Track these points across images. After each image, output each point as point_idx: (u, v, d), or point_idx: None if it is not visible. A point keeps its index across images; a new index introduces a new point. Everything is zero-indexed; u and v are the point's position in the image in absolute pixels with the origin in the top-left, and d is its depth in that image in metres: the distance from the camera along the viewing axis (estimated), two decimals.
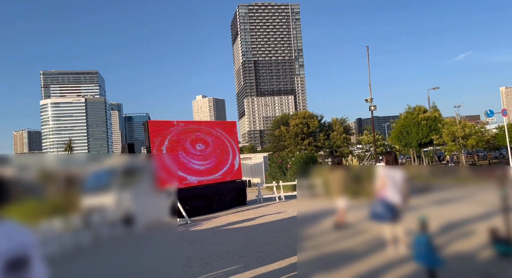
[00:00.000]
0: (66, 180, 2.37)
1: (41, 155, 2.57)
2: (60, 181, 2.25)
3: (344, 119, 51.53)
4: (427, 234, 3.65)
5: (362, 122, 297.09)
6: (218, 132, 15.94)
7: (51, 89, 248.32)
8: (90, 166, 2.42)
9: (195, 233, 10.40)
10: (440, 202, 3.83)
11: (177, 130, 14.39)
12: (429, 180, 3.96)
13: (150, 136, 13.53)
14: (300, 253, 3.74)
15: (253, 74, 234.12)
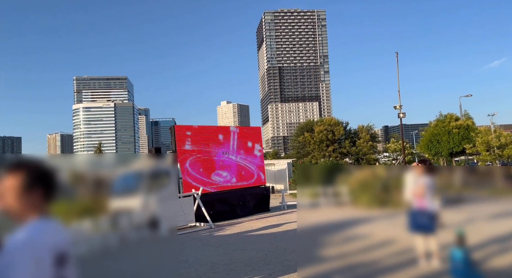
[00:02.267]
0: (95, 182, 2.39)
1: (71, 156, 2.60)
2: (89, 183, 2.27)
3: (371, 126, 50.54)
4: (465, 248, 3.43)
5: (389, 129, 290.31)
6: (243, 137, 15.95)
7: (83, 94, 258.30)
8: (119, 168, 2.43)
9: (219, 238, 10.38)
10: (475, 215, 3.61)
11: (203, 135, 14.51)
12: (462, 191, 3.73)
13: (177, 140, 13.70)
14: (322, 262, 3.61)
15: (277, 80, 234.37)
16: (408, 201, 3.67)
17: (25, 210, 1.59)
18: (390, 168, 10.12)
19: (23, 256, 1.48)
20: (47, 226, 1.61)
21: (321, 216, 3.87)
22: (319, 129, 48.31)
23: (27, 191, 1.58)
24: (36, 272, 1.49)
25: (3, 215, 1.62)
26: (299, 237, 3.84)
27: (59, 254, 1.60)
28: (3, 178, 1.60)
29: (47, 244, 1.56)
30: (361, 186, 3.74)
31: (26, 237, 1.53)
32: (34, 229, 1.57)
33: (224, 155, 15.00)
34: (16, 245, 1.50)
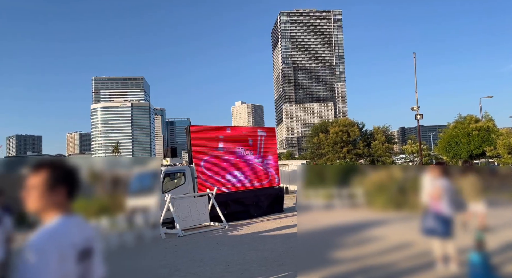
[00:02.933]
0: (113, 182, 2.44)
1: (90, 157, 2.68)
2: (107, 182, 2.33)
3: (387, 128, 49.79)
4: (484, 252, 3.36)
5: (406, 131, 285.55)
6: (257, 137, 15.97)
7: (101, 94, 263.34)
8: (135, 168, 2.49)
9: (233, 238, 10.42)
10: (495, 219, 3.52)
11: (218, 135, 14.60)
12: (486, 193, 3.65)
13: (192, 140, 13.82)
14: (336, 264, 3.58)
15: (292, 81, 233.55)
16: (424, 203, 3.61)
17: (49, 208, 1.64)
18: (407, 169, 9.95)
19: (48, 252, 1.53)
20: (70, 223, 1.66)
21: (334, 218, 3.84)
22: (334, 130, 47.88)
23: (51, 189, 1.63)
24: (60, 267, 1.53)
25: (29, 212, 1.68)
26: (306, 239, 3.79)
27: (83, 250, 1.65)
28: (29, 177, 1.65)
29: (71, 240, 1.61)
30: (376, 188, 3.70)
31: (50, 234, 1.58)
32: (58, 226, 1.61)
33: (239, 155, 15.05)
34: (40, 242, 1.55)
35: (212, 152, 14.28)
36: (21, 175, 1.85)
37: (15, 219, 3.21)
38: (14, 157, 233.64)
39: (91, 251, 1.70)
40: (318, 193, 3.62)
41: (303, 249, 3.84)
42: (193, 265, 7.42)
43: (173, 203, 11.55)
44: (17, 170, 2.03)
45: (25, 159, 2.22)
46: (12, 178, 2.08)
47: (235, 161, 14.90)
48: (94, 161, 3.38)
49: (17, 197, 1.97)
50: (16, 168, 2.21)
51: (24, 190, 1.65)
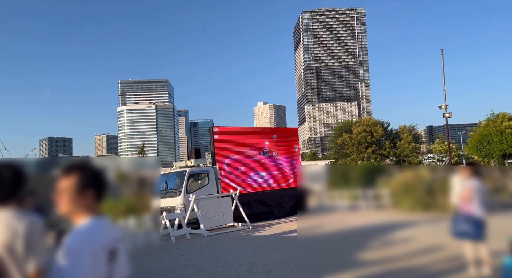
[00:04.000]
0: (139, 182, 2.49)
1: (117, 158, 2.74)
2: (134, 183, 2.37)
3: (413, 127, 48.46)
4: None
5: (433, 130, 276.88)
6: (280, 138, 15.93)
7: (127, 96, 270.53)
8: (161, 169, 2.53)
9: (257, 239, 10.44)
10: None
11: (241, 136, 14.67)
12: None
13: (215, 141, 13.95)
14: (363, 266, 3.51)
15: (314, 80, 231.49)
16: (454, 205, 3.48)
17: (80, 210, 1.69)
18: (435, 169, 9.62)
19: (82, 253, 1.58)
20: (100, 225, 1.71)
21: (359, 219, 3.75)
22: (358, 130, 47.06)
23: (81, 192, 1.68)
24: (93, 268, 1.58)
25: (60, 214, 1.74)
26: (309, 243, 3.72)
27: (111, 251, 1.69)
28: (59, 180, 1.70)
29: (102, 241, 1.66)
30: (403, 189, 3.60)
31: (84, 235, 1.63)
32: (90, 228, 1.67)
33: (261, 156, 15.06)
34: (75, 243, 1.60)
35: (235, 153, 14.36)
36: (53, 176, 1.90)
37: (48, 220, 3.34)
38: (47, 158, 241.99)
39: (117, 252, 1.75)
40: (342, 194, 3.56)
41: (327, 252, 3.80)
42: (218, 265, 7.48)
43: (197, 204, 11.69)
44: (49, 171, 2.10)
45: (56, 159, 2.29)
46: (45, 179, 2.15)
47: (258, 162, 14.92)
48: (120, 161, 3.48)
49: (50, 198, 2.04)
50: (48, 169, 2.29)
51: (55, 193, 1.70)
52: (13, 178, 1.89)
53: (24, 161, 2.17)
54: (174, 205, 12.64)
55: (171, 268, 7.50)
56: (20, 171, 1.93)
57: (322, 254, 4.12)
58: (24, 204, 3.24)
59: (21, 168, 1.96)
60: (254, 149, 14.89)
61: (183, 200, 12.58)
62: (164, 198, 12.94)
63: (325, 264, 5.31)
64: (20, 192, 1.94)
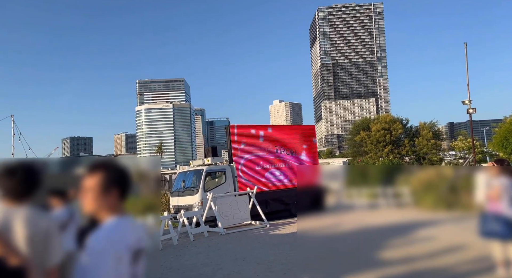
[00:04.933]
0: (157, 181, 2.47)
1: (136, 157, 2.75)
2: (152, 182, 2.36)
3: (434, 123, 47.28)
4: None
5: (455, 126, 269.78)
6: (297, 136, 15.80)
7: (145, 96, 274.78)
8: (179, 169, 2.52)
9: (275, 237, 10.39)
10: None
11: (257, 133, 14.63)
12: None
13: (232, 139, 13.96)
14: (383, 266, 3.40)
15: (331, 77, 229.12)
16: (480, 204, 3.35)
17: (104, 209, 1.67)
18: (458, 168, 9.33)
19: (106, 255, 1.55)
20: (124, 225, 1.68)
21: (379, 218, 3.63)
22: (376, 127, 46.21)
23: (105, 191, 1.66)
24: (116, 269, 1.56)
25: (85, 213, 1.73)
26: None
27: (135, 251, 1.66)
28: (84, 179, 1.69)
29: (126, 242, 1.63)
30: (425, 187, 3.48)
31: (107, 236, 1.60)
32: (114, 228, 1.64)
33: (278, 154, 14.99)
34: (98, 245, 1.57)
35: (252, 151, 14.33)
36: (78, 174, 1.90)
37: (77, 218, 3.39)
38: (70, 158, 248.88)
39: (142, 252, 1.72)
40: (361, 192, 3.46)
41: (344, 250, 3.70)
42: (236, 263, 7.47)
43: (214, 202, 11.74)
44: (76, 169, 2.12)
45: (81, 158, 2.33)
46: (70, 178, 2.17)
47: (275, 160, 14.85)
48: (139, 160, 3.50)
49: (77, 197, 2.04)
50: (73, 167, 2.31)
51: (81, 191, 1.69)
52: (27, 176, 1.90)
53: (45, 160, 2.22)
54: (192, 203, 12.72)
55: (190, 266, 7.54)
56: (35, 170, 1.94)
57: (340, 254, 4.06)
58: (52, 202, 3.29)
59: (37, 167, 1.98)
60: (270, 147, 14.82)
61: (201, 198, 12.65)
62: (182, 196, 13.05)
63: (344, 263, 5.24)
64: (36, 191, 1.95)
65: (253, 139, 14.46)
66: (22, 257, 1.79)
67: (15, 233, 1.82)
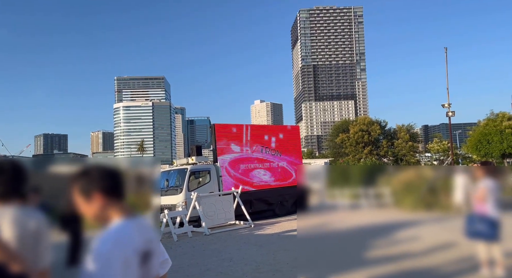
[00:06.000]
0: (139, 181, 2.38)
1: (116, 157, 2.63)
2: (134, 182, 2.27)
3: (411, 126, 48.52)
4: None
5: (429, 129, 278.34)
6: (281, 136, 15.82)
7: (123, 93, 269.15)
8: (161, 168, 2.42)
9: (260, 237, 10.33)
10: None
11: (242, 133, 14.54)
12: None
13: (217, 139, 13.81)
14: (370, 266, 3.44)
15: (312, 79, 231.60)
16: (459, 204, 3.44)
17: (100, 214, 1.58)
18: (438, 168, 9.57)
19: (113, 258, 1.47)
20: (131, 226, 1.59)
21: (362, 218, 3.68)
22: (354, 129, 47.00)
23: (86, 198, 1.58)
24: (124, 274, 1.47)
25: (90, 221, 1.65)
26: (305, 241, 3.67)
27: (144, 253, 1.58)
28: (69, 188, 1.62)
29: (133, 244, 1.55)
30: (404, 188, 3.56)
31: (114, 239, 1.51)
32: (120, 230, 1.55)
33: (263, 154, 14.95)
34: (104, 248, 1.49)
35: (237, 150, 14.23)
36: (53, 173, 1.83)
37: (52, 217, 3.22)
38: (42, 156, 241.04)
39: (151, 254, 1.64)
40: (343, 192, 3.50)
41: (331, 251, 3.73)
42: (223, 264, 7.36)
43: (199, 202, 11.57)
44: (49, 168, 2.00)
45: (54, 157, 2.23)
46: (46, 176, 2.05)
47: (260, 160, 14.81)
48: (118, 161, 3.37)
49: (54, 195, 1.91)
50: (46, 165, 2.18)
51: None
52: (14, 174, 1.83)
53: (26, 158, 2.13)
54: (175, 202, 12.49)
55: (175, 267, 7.37)
56: (21, 168, 1.87)
57: (325, 254, 4.08)
58: (29, 201, 3.12)
59: (23, 164, 1.91)
60: (256, 146, 14.77)
61: (185, 198, 12.45)
62: (165, 196, 12.80)
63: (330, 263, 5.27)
64: (23, 189, 1.87)
65: (238, 139, 14.36)
66: (23, 263, 1.67)
67: (2, 234, 1.71)
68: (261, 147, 14.93)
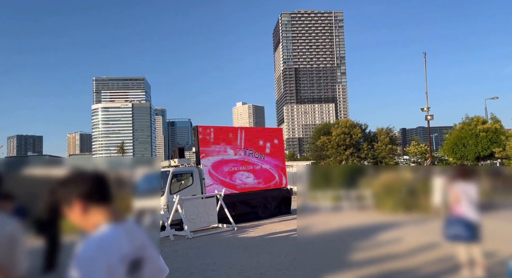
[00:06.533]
0: (118, 183, 2.28)
1: (93, 158, 2.52)
2: (113, 184, 2.18)
3: (390, 129, 49.49)
4: None
5: (407, 132, 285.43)
6: (265, 138, 15.78)
7: (102, 94, 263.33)
8: (142, 169, 2.33)
9: (244, 240, 10.23)
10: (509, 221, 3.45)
11: (225, 135, 14.42)
12: (493, 196, 3.54)
13: (200, 141, 13.64)
14: (351, 268, 3.46)
15: (293, 82, 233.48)
16: (438, 206, 3.51)
17: (84, 220, 1.51)
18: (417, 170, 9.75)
19: (95, 264, 1.39)
20: (119, 232, 1.50)
21: (344, 220, 3.71)
22: (336, 132, 47.56)
23: (69, 205, 1.51)
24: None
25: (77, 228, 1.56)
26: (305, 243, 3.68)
27: (133, 261, 1.49)
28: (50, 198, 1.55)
29: (119, 251, 1.46)
30: (385, 190, 3.61)
31: (97, 245, 1.44)
32: (105, 236, 1.47)
33: (246, 156, 14.86)
34: (87, 254, 1.41)
35: (220, 152, 14.09)
36: (28, 175, 1.73)
37: (29, 222, 3.05)
38: (15, 157, 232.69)
39: (142, 261, 1.54)
40: (325, 194, 3.50)
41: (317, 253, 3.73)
42: (207, 268, 7.23)
43: (181, 204, 11.36)
44: (22, 170, 1.88)
45: (28, 159, 2.11)
46: (19, 179, 1.93)
47: (243, 162, 14.71)
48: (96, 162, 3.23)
49: (29, 199, 1.81)
50: (20, 168, 2.05)
51: None
52: None
53: (5, 160, 1.97)
54: None
55: None
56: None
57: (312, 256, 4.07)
58: (2, 207, 2.94)
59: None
60: (238, 149, 14.67)
61: (167, 201, 12.21)
62: None
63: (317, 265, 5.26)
64: None
65: (222, 141, 14.22)
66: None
67: None
68: (244, 149, 14.85)
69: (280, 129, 17.53)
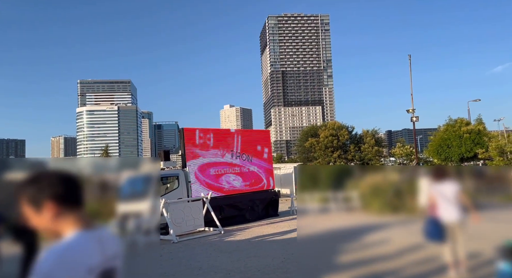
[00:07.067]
0: (102, 186, 2.16)
1: (76, 159, 2.39)
2: (95, 187, 2.06)
3: (376, 131, 50.08)
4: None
5: (393, 134, 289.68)
6: (252, 141, 15.70)
7: (87, 97, 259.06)
8: (126, 172, 2.22)
9: (230, 244, 10.10)
10: (493, 222, 3.49)
11: (212, 137, 14.27)
12: (475, 197, 3.57)
13: (186, 143, 13.46)
14: (342, 270, 3.41)
15: (280, 84, 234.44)
16: (423, 207, 3.53)
17: (52, 225, 1.37)
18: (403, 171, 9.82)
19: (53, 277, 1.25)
20: (87, 240, 1.36)
21: (333, 222, 3.65)
22: (324, 134, 47.84)
23: (37, 207, 1.36)
24: None
25: (41, 233, 1.41)
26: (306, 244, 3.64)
27: (103, 272, 1.36)
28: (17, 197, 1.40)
29: (87, 261, 1.33)
30: (372, 191, 3.58)
31: (58, 256, 1.29)
32: (70, 245, 1.33)
33: (233, 159, 14.74)
34: (48, 266, 1.26)
35: (206, 155, 13.94)
36: (4, 179, 1.62)
37: (6, 228, 2.90)
38: None
39: (113, 272, 1.42)
40: (313, 196, 3.45)
41: (307, 255, 3.68)
42: (192, 273, 7.08)
43: (167, 208, 11.17)
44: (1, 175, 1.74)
45: (4, 162, 1.98)
46: None
47: (229, 164, 14.58)
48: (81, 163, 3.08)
49: (5, 204, 1.71)
50: None
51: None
52: None
53: None
54: None
55: (142, 277, 7.00)
56: None
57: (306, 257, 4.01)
58: None
59: None
60: (225, 151, 14.54)
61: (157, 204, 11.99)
62: None
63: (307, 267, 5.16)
64: None
65: (208, 143, 14.07)
66: None
67: None
68: (231, 152, 14.73)
69: (267, 131, 17.47)
